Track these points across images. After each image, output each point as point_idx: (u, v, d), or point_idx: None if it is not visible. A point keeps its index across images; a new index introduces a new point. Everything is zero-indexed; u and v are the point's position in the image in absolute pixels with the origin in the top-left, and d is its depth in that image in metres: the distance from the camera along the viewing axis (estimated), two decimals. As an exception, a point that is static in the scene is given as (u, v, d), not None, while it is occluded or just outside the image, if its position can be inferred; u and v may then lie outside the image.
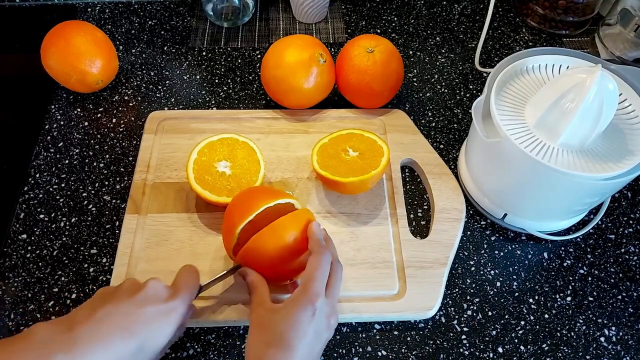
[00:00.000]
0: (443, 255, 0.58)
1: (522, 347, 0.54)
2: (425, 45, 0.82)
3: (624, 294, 0.58)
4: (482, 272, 0.59)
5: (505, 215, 0.61)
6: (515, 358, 0.53)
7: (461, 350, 0.54)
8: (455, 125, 0.72)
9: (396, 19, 0.85)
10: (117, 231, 0.60)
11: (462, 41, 0.82)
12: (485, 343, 0.54)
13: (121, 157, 0.67)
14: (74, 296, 0.55)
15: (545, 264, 0.60)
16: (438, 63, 0.79)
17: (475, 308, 0.56)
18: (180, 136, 0.67)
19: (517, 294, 0.58)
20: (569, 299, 0.58)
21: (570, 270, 0.60)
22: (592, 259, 0.61)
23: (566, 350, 0.54)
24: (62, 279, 0.56)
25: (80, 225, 0.60)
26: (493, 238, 0.62)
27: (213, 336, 0.54)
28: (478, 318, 0.56)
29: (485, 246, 0.61)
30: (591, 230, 0.63)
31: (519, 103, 0.57)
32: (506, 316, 0.56)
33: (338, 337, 0.54)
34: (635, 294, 0.58)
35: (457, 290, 0.58)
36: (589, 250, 0.61)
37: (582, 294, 0.58)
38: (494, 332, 0.55)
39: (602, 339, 0.55)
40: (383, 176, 0.64)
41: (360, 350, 0.53)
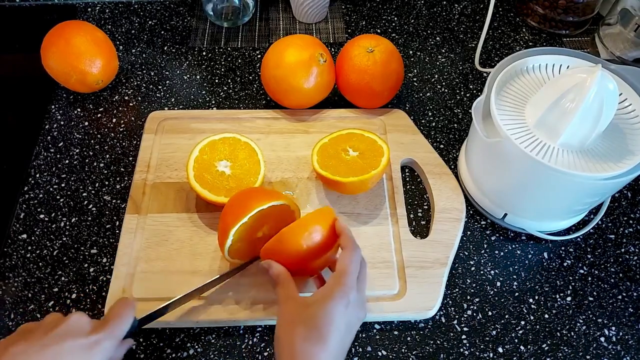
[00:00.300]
0: (443, 255, 0.58)
1: (522, 347, 0.54)
2: (425, 45, 0.82)
3: (624, 294, 0.58)
4: (482, 272, 0.59)
5: (505, 215, 0.61)
6: (515, 358, 0.53)
7: (461, 350, 0.54)
8: (455, 125, 0.72)
9: (396, 19, 0.85)
10: (117, 231, 0.60)
11: (462, 41, 0.82)
12: (485, 343, 0.54)
13: (121, 157, 0.67)
14: (74, 296, 0.55)
15: (545, 264, 0.60)
16: (438, 63, 0.79)
17: (475, 308, 0.56)
18: (180, 136, 0.67)
19: (517, 294, 0.58)
20: (569, 299, 0.58)
21: (570, 270, 0.60)
22: (592, 259, 0.61)
23: (566, 350, 0.54)
24: (62, 279, 0.57)
25: (80, 225, 0.60)
26: (493, 238, 0.62)
27: (213, 336, 0.54)
28: (478, 318, 0.56)
29: (485, 246, 0.61)
30: (591, 230, 0.63)
31: (519, 103, 0.57)
32: (506, 316, 0.56)
33: (338, 337, 0.54)
34: (635, 294, 0.58)
35: (457, 290, 0.58)
36: (589, 250, 0.61)
37: (582, 294, 0.58)
38: (494, 332, 0.55)
39: (602, 339, 0.55)
40: (383, 176, 0.64)
41: (360, 350, 0.53)
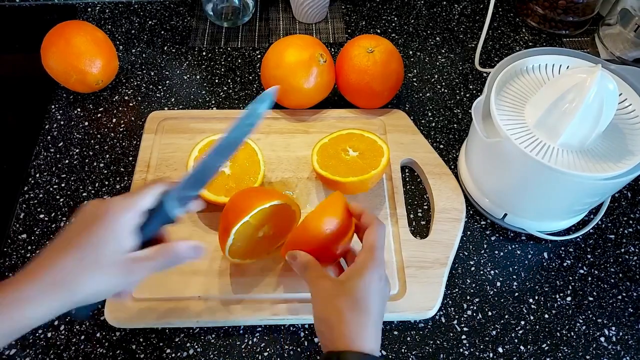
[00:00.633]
0: (443, 255, 0.58)
1: (522, 347, 0.54)
2: (425, 45, 0.82)
3: (624, 294, 0.58)
4: (482, 272, 0.59)
5: (505, 215, 0.61)
6: (515, 358, 0.53)
7: (461, 350, 0.54)
8: (455, 125, 0.72)
9: (396, 19, 0.85)
10: (117, 231, 0.60)
11: (462, 41, 0.82)
12: (485, 343, 0.54)
13: (121, 157, 0.67)
14: (74, 296, 0.55)
15: (545, 264, 0.60)
16: (438, 63, 0.79)
17: (475, 308, 0.56)
18: (180, 136, 0.67)
19: (517, 294, 0.58)
20: (569, 299, 0.58)
21: (570, 270, 0.60)
22: (592, 259, 0.61)
23: (566, 350, 0.54)
24: (62, 279, 0.56)
25: (80, 225, 0.60)
26: (493, 238, 0.62)
27: (213, 336, 0.54)
28: (478, 318, 0.56)
29: (485, 246, 0.61)
30: (591, 230, 0.63)
31: (519, 103, 0.57)
32: (506, 316, 0.56)
33: (338, 337, 0.54)
34: (635, 294, 0.58)
35: (457, 290, 0.58)
36: (589, 250, 0.61)
37: (582, 294, 0.58)
38: (494, 332, 0.55)
39: (602, 339, 0.55)
40: (383, 176, 0.64)
41: (360, 350, 0.53)
